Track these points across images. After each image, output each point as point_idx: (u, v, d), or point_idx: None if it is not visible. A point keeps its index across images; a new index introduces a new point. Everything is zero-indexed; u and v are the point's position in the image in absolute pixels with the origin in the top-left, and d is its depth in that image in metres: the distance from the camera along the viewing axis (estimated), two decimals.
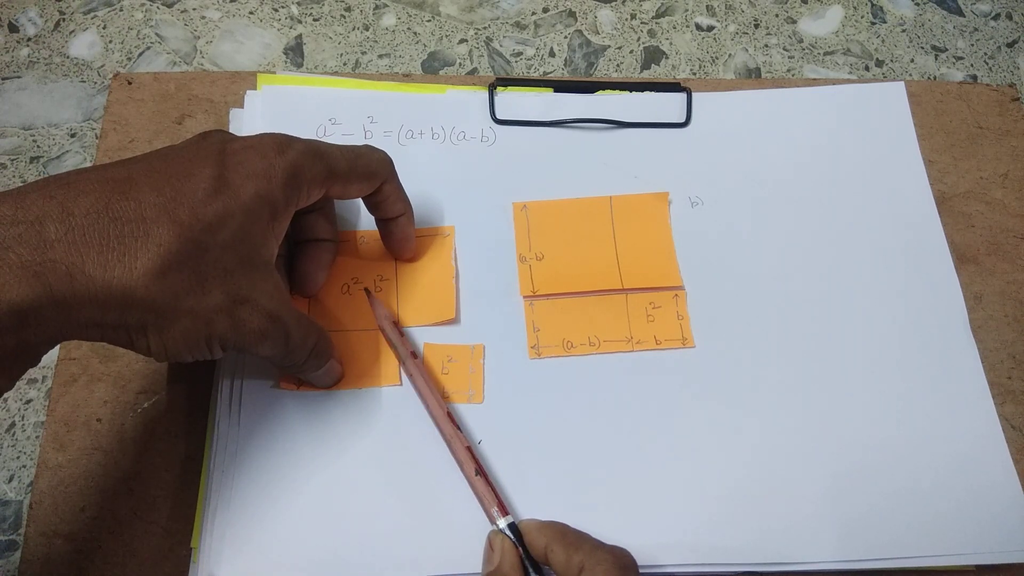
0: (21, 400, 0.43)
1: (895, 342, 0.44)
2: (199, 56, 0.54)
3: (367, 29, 0.55)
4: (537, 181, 0.48)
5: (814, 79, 0.54)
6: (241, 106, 0.49)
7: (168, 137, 0.49)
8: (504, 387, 0.42)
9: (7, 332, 0.28)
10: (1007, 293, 0.47)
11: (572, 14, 0.57)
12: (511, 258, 0.46)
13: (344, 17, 0.56)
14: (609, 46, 0.56)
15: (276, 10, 0.56)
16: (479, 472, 0.38)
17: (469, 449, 0.39)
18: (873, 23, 0.58)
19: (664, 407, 0.42)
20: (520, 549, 0.36)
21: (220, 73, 0.51)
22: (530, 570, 0.36)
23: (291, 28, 0.55)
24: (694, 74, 0.55)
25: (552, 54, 0.55)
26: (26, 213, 0.28)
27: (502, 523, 0.37)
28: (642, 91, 0.51)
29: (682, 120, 0.50)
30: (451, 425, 0.39)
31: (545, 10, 0.57)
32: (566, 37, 0.56)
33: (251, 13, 0.55)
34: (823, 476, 0.41)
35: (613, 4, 0.57)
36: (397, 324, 0.43)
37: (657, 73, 0.55)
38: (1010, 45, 0.57)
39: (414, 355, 0.41)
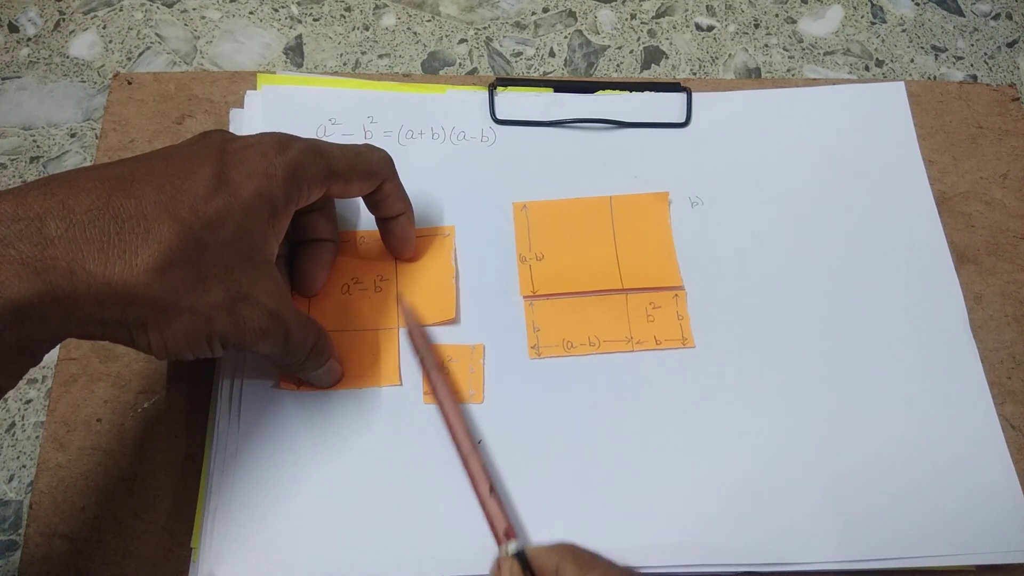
0: (21, 400, 0.43)
1: (895, 342, 0.44)
2: (199, 56, 0.54)
3: (367, 29, 0.55)
4: (537, 181, 0.48)
5: (814, 79, 0.54)
6: (241, 106, 0.49)
7: (168, 137, 0.49)
8: (504, 387, 0.42)
9: (8, 329, 0.28)
10: (1007, 293, 0.47)
11: (572, 14, 0.57)
12: (511, 258, 0.46)
13: (344, 17, 0.56)
14: (609, 46, 0.56)
15: (276, 10, 0.56)
16: (493, 491, 0.37)
17: (485, 468, 0.38)
18: (873, 23, 0.58)
19: (664, 407, 0.42)
20: (529, 574, 0.35)
21: (220, 73, 0.51)
22: None
23: (291, 28, 0.55)
24: (694, 74, 0.55)
25: (552, 54, 0.55)
26: (27, 210, 0.28)
27: (512, 547, 0.36)
28: (642, 91, 0.51)
29: (682, 120, 0.50)
30: (470, 441, 0.39)
31: (545, 10, 0.57)
32: (566, 37, 0.56)
33: (251, 13, 0.55)
34: (823, 476, 0.41)
35: (613, 4, 0.57)
36: (425, 333, 0.42)
37: (657, 73, 0.55)
38: (1010, 45, 0.57)
39: (441, 366, 0.41)
